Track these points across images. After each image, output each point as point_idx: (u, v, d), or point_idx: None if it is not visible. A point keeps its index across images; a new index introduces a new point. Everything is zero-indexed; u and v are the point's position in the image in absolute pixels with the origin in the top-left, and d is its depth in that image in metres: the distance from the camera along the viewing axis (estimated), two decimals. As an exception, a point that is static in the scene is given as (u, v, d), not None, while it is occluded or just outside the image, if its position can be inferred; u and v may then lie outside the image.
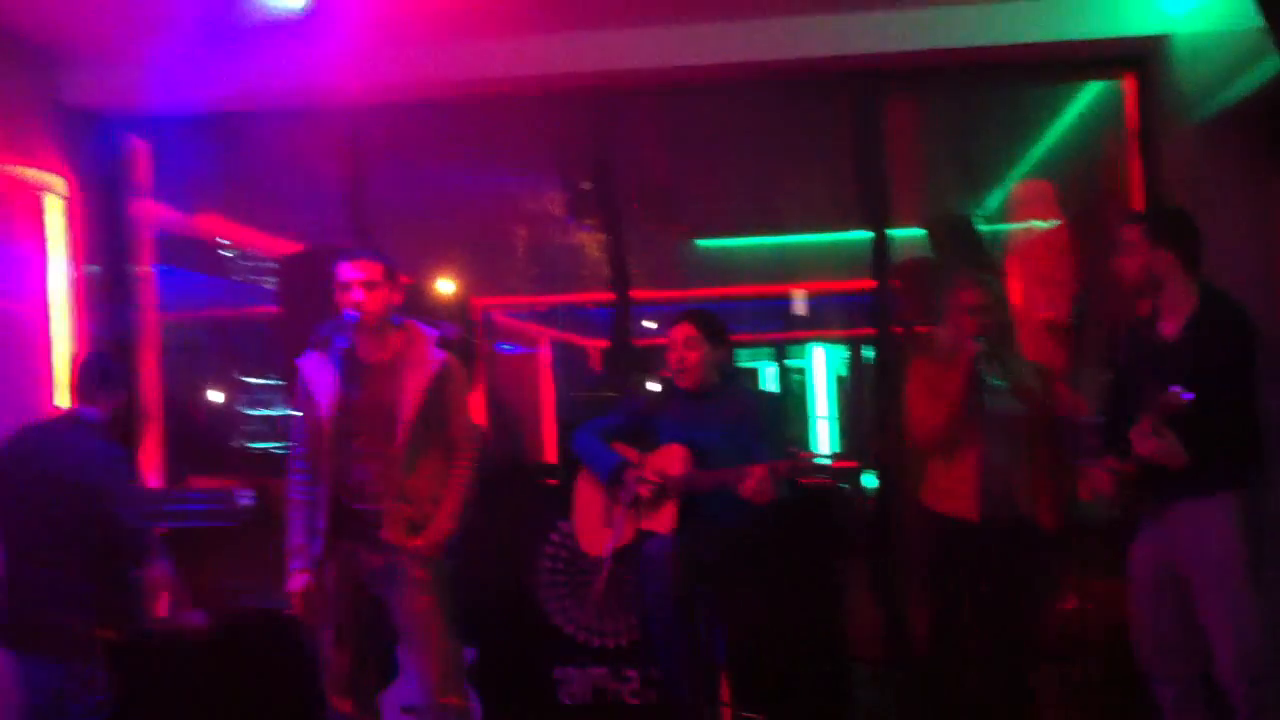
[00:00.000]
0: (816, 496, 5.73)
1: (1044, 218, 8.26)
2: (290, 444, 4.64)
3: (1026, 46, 6.12)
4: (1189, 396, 3.79)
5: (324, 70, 6.31)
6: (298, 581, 4.43)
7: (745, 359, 14.47)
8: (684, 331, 4.87)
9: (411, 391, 4.43)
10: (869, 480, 8.04)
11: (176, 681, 5.28)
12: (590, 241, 9.73)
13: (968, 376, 4.62)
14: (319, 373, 4.48)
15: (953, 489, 4.77)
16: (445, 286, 10.14)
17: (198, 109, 6.63)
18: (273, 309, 6.25)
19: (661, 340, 4.96)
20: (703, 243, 10.66)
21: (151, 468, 6.92)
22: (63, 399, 6.00)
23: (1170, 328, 4.24)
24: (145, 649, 5.17)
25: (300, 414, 4.58)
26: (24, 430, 5.19)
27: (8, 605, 4.89)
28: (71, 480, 4.84)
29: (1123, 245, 4.30)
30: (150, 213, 7.12)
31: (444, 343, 4.57)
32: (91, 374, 5.10)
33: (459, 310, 9.80)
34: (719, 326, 4.92)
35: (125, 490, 5.00)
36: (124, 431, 5.95)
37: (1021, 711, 4.83)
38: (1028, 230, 8.46)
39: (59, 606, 4.81)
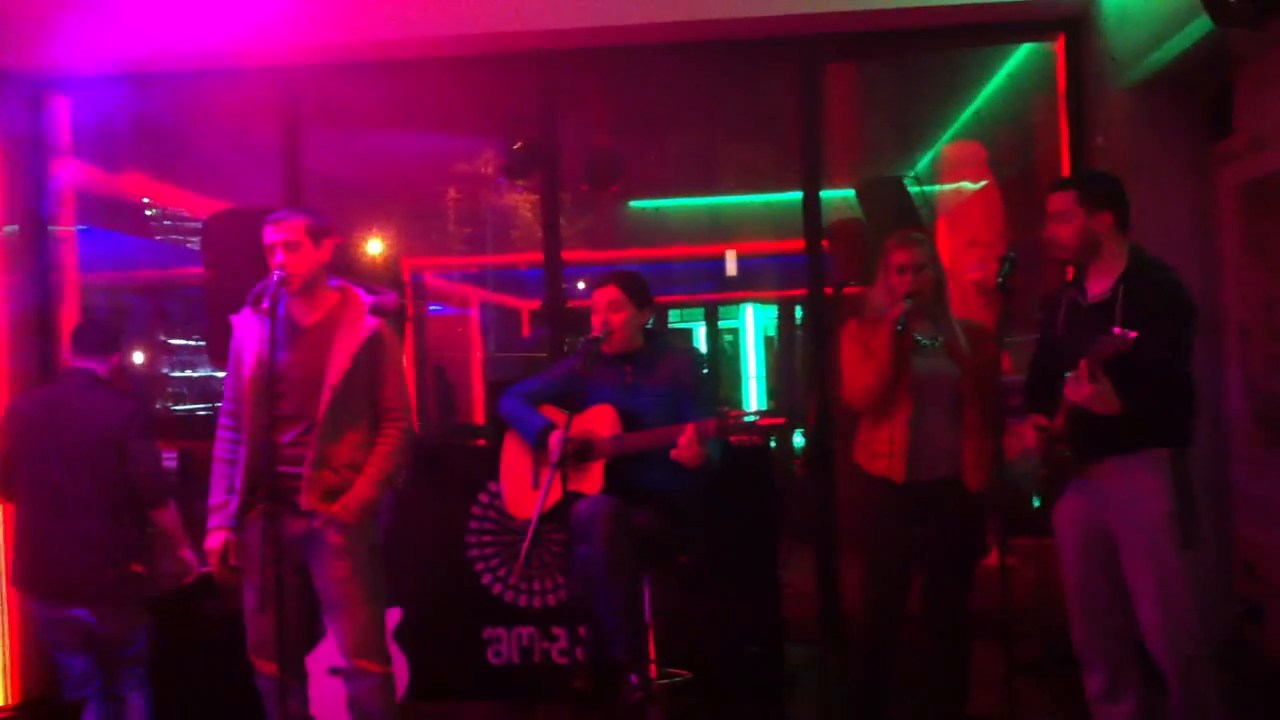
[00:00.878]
0: (747, 455, 5.73)
1: (974, 179, 8.30)
2: (222, 401, 4.64)
3: (958, 9, 6.11)
4: (1134, 335, 3.78)
5: (255, 29, 6.20)
6: (215, 539, 4.43)
7: (678, 319, 14.52)
8: (608, 294, 4.83)
9: (339, 356, 4.38)
10: (799, 439, 8.08)
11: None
12: (523, 203, 9.70)
13: (897, 337, 4.63)
14: (249, 332, 4.44)
15: (881, 449, 4.77)
16: (376, 247, 10.06)
17: (124, 68, 6.52)
18: (198, 270, 6.15)
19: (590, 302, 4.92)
20: (636, 204, 10.64)
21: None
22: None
23: (1098, 288, 4.25)
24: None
25: (231, 371, 4.55)
26: (43, 389, 5.58)
27: (43, 559, 5.13)
28: (98, 433, 5.07)
29: (1056, 214, 4.27)
30: (72, 172, 6.99)
31: (379, 309, 4.51)
32: (96, 334, 5.34)
33: (390, 271, 9.73)
34: (643, 288, 4.89)
35: (146, 439, 5.16)
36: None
37: (955, 671, 4.86)
38: (958, 191, 8.51)
39: (92, 554, 5.04)
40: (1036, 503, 4.39)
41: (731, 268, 9.38)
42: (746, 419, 4.61)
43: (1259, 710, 4.19)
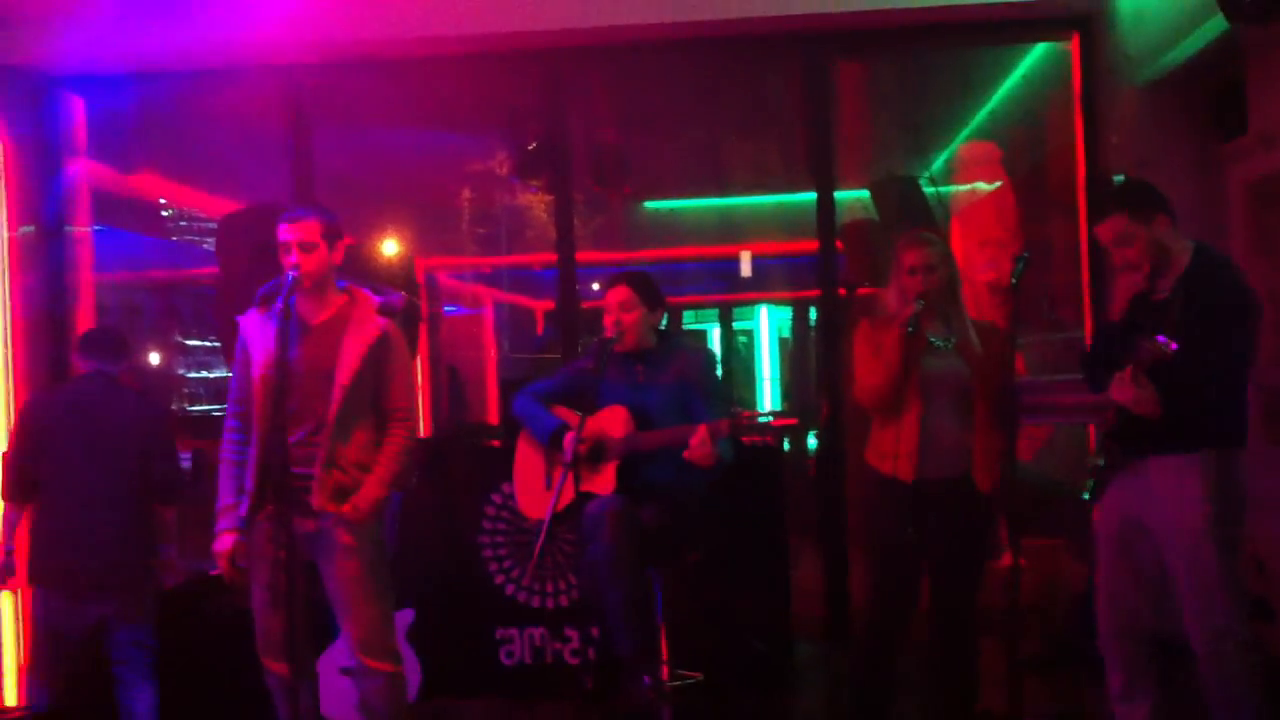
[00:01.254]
0: (759, 455, 5.73)
1: (989, 179, 8.28)
2: (228, 402, 4.62)
3: (972, 8, 6.10)
4: (1174, 346, 3.77)
5: (266, 28, 6.22)
6: (224, 541, 4.41)
7: (693, 320, 14.52)
8: (620, 294, 4.83)
9: (349, 356, 4.36)
10: (811, 440, 8.07)
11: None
12: (536, 203, 9.70)
13: (907, 337, 4.61)
14: (257, 331, 4.42)
15: (890, 449, 4.75)
16: (389, 247, 10.06)
17: (136, 67, 6.53)
18: (212, 270, 6.17)
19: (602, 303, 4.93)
20: (649, 204, 10.64)
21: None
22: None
23: (1163, 284, 4.21)
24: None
25: (238, 372, 4.53)
26: (60, 390, 5.75)
27: (68, 553, 5.17)
28: (126, 432, 5.23)
29: (1117, 240, 4.20)
30: (86, 172, 7.00)
31: (387, 310, 4.50)
32: (106, 340, 5.46)
33: (403, 271, 9.72)
34: (654, 288, 4.89)
35: (169, 439, 5.37)
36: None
37: (962, 671, 4.85)
38: (972, 191, 8.49)
39: (115, 548, 5.17)
40: (1086, 496, 4.38)
41: (746, 269, 9.36)
42: (760, 419, 4.60)
43: (1264, 710, 4.16)
